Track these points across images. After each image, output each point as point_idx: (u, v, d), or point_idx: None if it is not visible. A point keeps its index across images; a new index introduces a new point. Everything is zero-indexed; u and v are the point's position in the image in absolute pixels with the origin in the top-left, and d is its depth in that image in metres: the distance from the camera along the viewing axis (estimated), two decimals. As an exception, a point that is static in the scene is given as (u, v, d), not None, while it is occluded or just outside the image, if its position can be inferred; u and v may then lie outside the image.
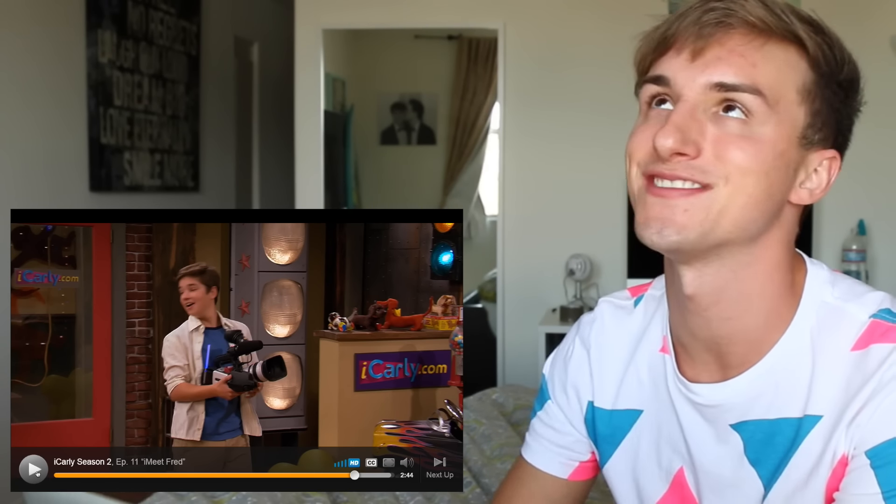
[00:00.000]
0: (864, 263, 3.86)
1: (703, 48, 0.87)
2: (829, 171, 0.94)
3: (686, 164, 0.86)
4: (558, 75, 4.11)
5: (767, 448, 0.94)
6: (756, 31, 0.87)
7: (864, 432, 0.88)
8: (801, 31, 0.88)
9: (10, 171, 3.50)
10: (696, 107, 0.87)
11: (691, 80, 0.87)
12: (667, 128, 0.86)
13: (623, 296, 1.15)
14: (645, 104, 0.92)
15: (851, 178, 4.02)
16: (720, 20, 0.86)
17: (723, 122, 0.87)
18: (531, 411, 1.22)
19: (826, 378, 0.91)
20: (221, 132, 5.29)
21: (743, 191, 0.86)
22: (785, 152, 0.88)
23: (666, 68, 0.89)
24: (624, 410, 1.08)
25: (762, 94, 0.86)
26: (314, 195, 4.35)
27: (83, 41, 3.94)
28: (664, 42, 0.90)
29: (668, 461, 1.03)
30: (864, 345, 0.91)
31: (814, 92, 0.89)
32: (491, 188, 4.92)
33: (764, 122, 0.87)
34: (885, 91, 3.94)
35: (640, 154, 0.90)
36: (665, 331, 1.04)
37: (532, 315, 4.16)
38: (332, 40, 4.48)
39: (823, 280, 0.96)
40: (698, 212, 0.86)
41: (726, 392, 0.96)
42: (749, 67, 0.86)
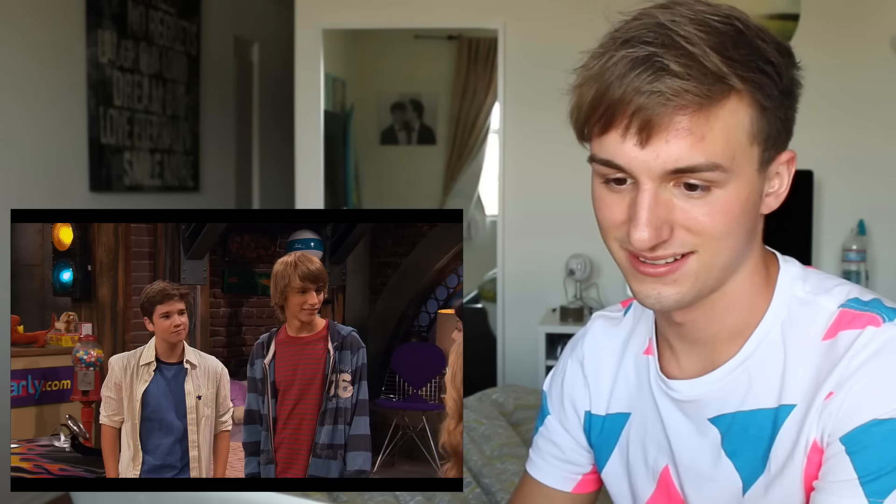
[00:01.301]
0: (864, 263, 3.86)
1: (650, 135, 0.85)
2: (788, 170, 0.95)
3: (663, 246, 0.90)
4: (558, 75, 4.08)
5: (743, 440, 0.97)
6: (697, 107, 0.85)
7: (836, 420, 0.89)
8: (737, 81, 0.85)
9: (10, 171, 3.50)
10: (657, 190, 0.88)
11: (647, 168, 0.87)
12: (639, 225, 0.87)
13: (615, 308, 1.18)
14: (601, 175, 0.92)
15: (851, 178, 4.03)
16: (658, 107, 0.84)
17: (688, 194, 0.88)
18: (535, 423, 1.25)
19: (798, 368, 0.94)
20: (221, 132, 5.29)
21: (724, 248, 0.91)
22: (750, 193, 0.90)
23: (616, 154, 0.88)
24: (615, 414, 1.12)
25: (719, 166, 0.86)
26: (314, 195, 4.35)
27: (83, 41, 3.94)
28: (603, 116, 0.87)
29: (654, 460, 1.07)
30: (833, 333, 0.93)
31: (761, 123, 0.89)
32: (491, 188, 4.92)
33: (726, 184, 0.88)
34: (885, 91, 3.94)
35: (615, 231, 0.93)
36: (650, 333, 1.08)
37: (532, 315, 4.16)
38: (332, 40, 4.48)
39: (795, 276, 0.99)
40: (688, 278, 0.91)
41: (702, 387, 0.99)
42: (699, 143, 0.85)
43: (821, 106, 3.84)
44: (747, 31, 0.87)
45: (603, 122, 0.88)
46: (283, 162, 4.97)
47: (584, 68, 0.90)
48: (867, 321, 0.92)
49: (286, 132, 4.56)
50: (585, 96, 0.89)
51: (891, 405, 0.87)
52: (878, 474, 0.86)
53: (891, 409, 0.87)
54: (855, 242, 3.87)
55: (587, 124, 0.90)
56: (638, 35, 0.86)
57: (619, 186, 0.91)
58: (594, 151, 0.91)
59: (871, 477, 0.86)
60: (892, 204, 4.01)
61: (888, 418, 0.87)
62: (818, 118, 3.83)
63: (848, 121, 3.98)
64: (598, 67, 0.88)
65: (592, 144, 0.91)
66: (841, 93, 3.93)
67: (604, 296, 4.15)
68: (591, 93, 0.88)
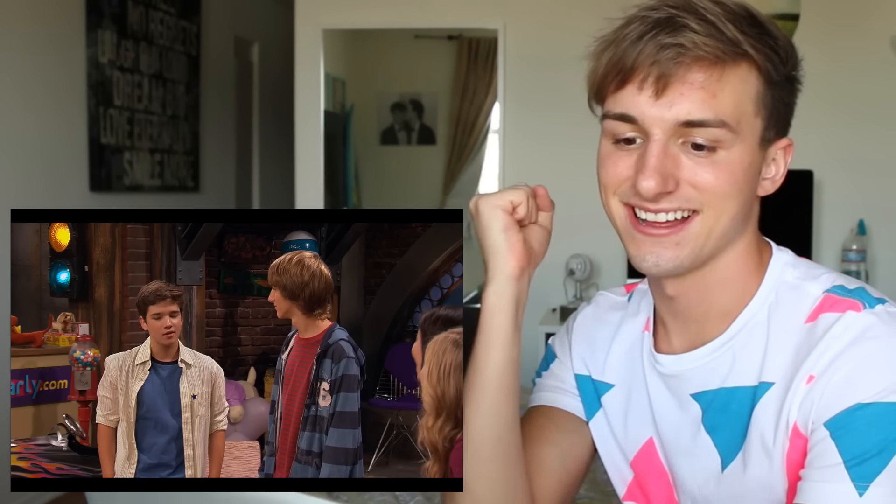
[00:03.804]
0: (864, 263, 3.86)
1: (665, 85, 0.91)
2: (784, 157, 1.00)
3: (667, 199, 0.93)
4: (558, 75, 4.10)
5: (723, 416, 0.99)
6: (711, 62, 0.91)
7: (819, 406, 0.90)
8: (750, 48, 0.92)
9: (10, 171, 3.50)
10: (667, 142, 0.92)
11: (659, 118, 0.92)
12: (647, 171, 0.92)
13: (619, 291, 1.21)
14: (610, 135, 0.96)
15: (851, 179, 4.03)
16: (676, 58, 0.90)
17: (694, 153, 0.93)
18: (533, 376, 1.23)
19: (779, 348, 0.96)
20: (221, 132, 5.29)
21: (724, 212, 0.94)
22: (751, 163, 0.95)
23: (630, 106, 0.93)
24: (600, 381, 1.14)
25: (727, 125, 0.91)
26: (314, 195, 4.34)
27: (83, 41, 3.94)
28: (621, 72, 0.93)
29: (637, 432, 1.09)
30: (815, 317, 0.96)
31: (767, 97, 0.94)
32: (491, 188, 4.92)
33: (731, 146, 0.93)
34: (885, 91, 3.94)
35: (617, 185, 0.97)
36: (649, 312, 1.11)
37: (532, 315, 4.15)
38: (332, 40, 4.47)
39: (786, 262, 1.02)
40: (688, 241, 0.95)
41: (687, 362, 1.03)
42: (711, 100, 0.91)
43: (821, 106, 3.84)
44: (759, 17, 0.94)
45: (621, 77, 0.93)
46: (283, 162, 4.97)
47: (605, 35, 0.96)
48: (848, 306, 0.94)
49: (286, 132, 4.56)
50: (605, 57, 0.94)
51: (874, 389, 0.88)
52: (863, 458, 0.87)
53: (874, 392, 0.88)
54: (855, 242, 3.86)
55: (604, 82, 0.95)
56: (661, 2, 0.93)
57: (628, 146, 0.95)
58: (608, 108, 0.96)
59: (857, 461, 0.87)
60: (892, 204, 4.01)
61: (871, 402, 0.88)
62: (818, 118, 3.83)
63: (848, 121, 3.98)
64: (619, 32, 0.94)
65: (606, 102, 0.96)
66: (841, 93, 3.92)
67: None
68: (610, 53, 0.94)
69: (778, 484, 0.94)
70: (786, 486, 0.94)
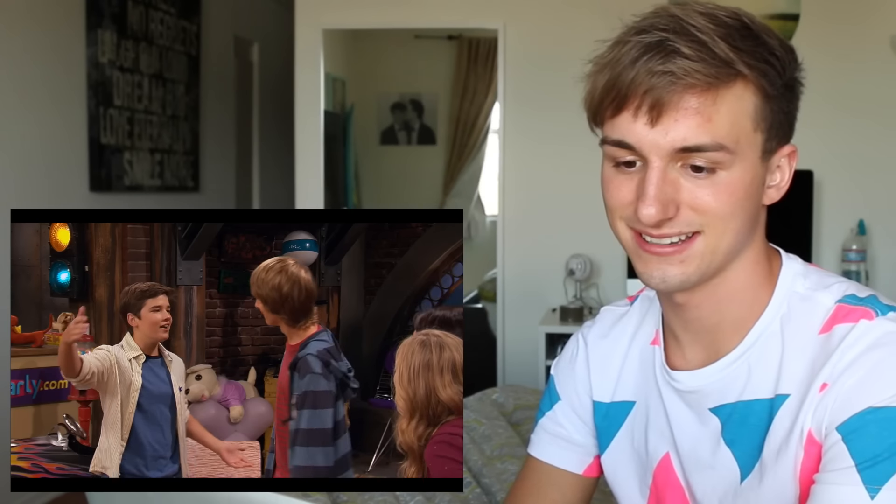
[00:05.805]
0: (864, 263, 3.86)
1: (660, 113, 0.90)
2: (789, 163, 0.99)
3: (669, 224, 0.93)
4: (558, 75, 4.10)
5: (743, 429, 0.99)
6: (704, 88, 0.90)
7: (832, 411, 0.91)
8: (743, 67, 0.90)
9: (10, 171, 3.50)
10: (665, 168, 0.92)
11: (656, 145, 0.91)
12: (647, 200, 0.92)
13: (622, 302, 1.22)
14: (611, 158, 0.96)
15: (851, 178, 4.03)
16: (669, 87, 0.89)
17: (693, 175, 0.92)
18: (537, 412, 1.25)
19: (794, 359, 0.97)
20: (221, 132, 5.29)
21: (727, 231, 0.94)
22: (753, 178, 0.94)
23: (627, 133, 0.92)
24: (620, 402, 1.15)
25: (725, 147, 0.91)
26: (314, 195, 4.34)
27: (83, 41, 3.94)
28: (616, 98, 0.92)
29: (655, 448, 1.09)
30: (829, 328, 0.96)
31: (765, 111, 0.93)
32: (491, 188, 4.92)
33: (731, 166, 0.92)
34: (885, 91, 3.94)
35: (621, 210, 0.97)
36: (657, 325, 1.11)
37: (532, 315, 4.15)
38: (332, 40, 4.47)
39: (796, 272, 1.02)
40: (693, 259, 0.95)
41: (704, 378, 1.03)
42: (707, 124, 0.90)
43: (821, 106, 3.84)
44: (753, 27, 0.93)
45: (616, 103, 0.93)
46: (283, 162, 4.97)
47: (599, 57, 0.95)
48: (861, 315, 0.95)
49: (286, 132, 4.56)
50: (599, 81, 0.94)
51: (886, 393, 0.89)
52: (876, 461, 0.87)
53: (886, 396, 0.89)
54: (855, 242, 3.87)
55: (600, 107, 0.95)
56: (652, 23, 0.92)
57: (629, 169, 0.95)
58: (606, 133, 0.96)
59: (869, 463, 0.87)
60: (892, 204, 4.01)
61: (884, 406, 0.88)
62: (818, 118, 3.83)
63: (848, 121, 3.98)
64: (613, 55, 0.93)
65: (605, 127, 0.96)
66: (841, 93, 3.92)
67: (604, 296, 4.14)
68: (604, 77, 0.94)
69: (790, 493, 0.95)
70: (797, 494, 0.94)
